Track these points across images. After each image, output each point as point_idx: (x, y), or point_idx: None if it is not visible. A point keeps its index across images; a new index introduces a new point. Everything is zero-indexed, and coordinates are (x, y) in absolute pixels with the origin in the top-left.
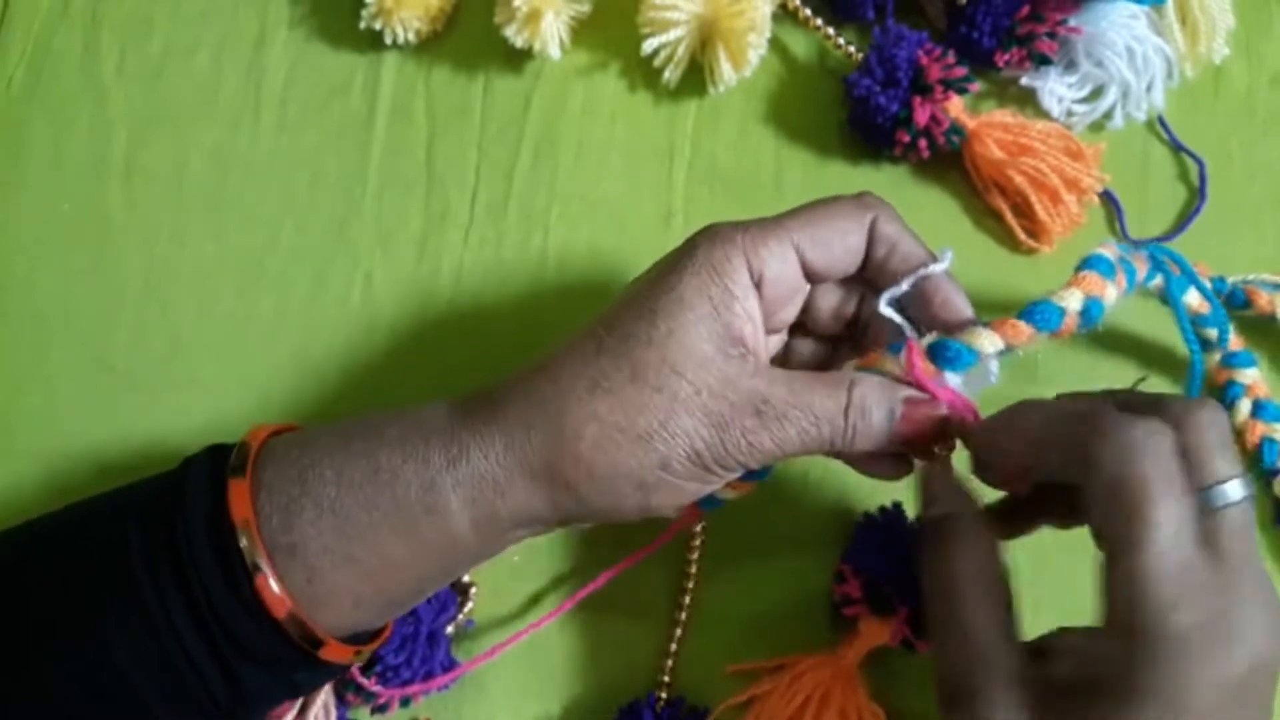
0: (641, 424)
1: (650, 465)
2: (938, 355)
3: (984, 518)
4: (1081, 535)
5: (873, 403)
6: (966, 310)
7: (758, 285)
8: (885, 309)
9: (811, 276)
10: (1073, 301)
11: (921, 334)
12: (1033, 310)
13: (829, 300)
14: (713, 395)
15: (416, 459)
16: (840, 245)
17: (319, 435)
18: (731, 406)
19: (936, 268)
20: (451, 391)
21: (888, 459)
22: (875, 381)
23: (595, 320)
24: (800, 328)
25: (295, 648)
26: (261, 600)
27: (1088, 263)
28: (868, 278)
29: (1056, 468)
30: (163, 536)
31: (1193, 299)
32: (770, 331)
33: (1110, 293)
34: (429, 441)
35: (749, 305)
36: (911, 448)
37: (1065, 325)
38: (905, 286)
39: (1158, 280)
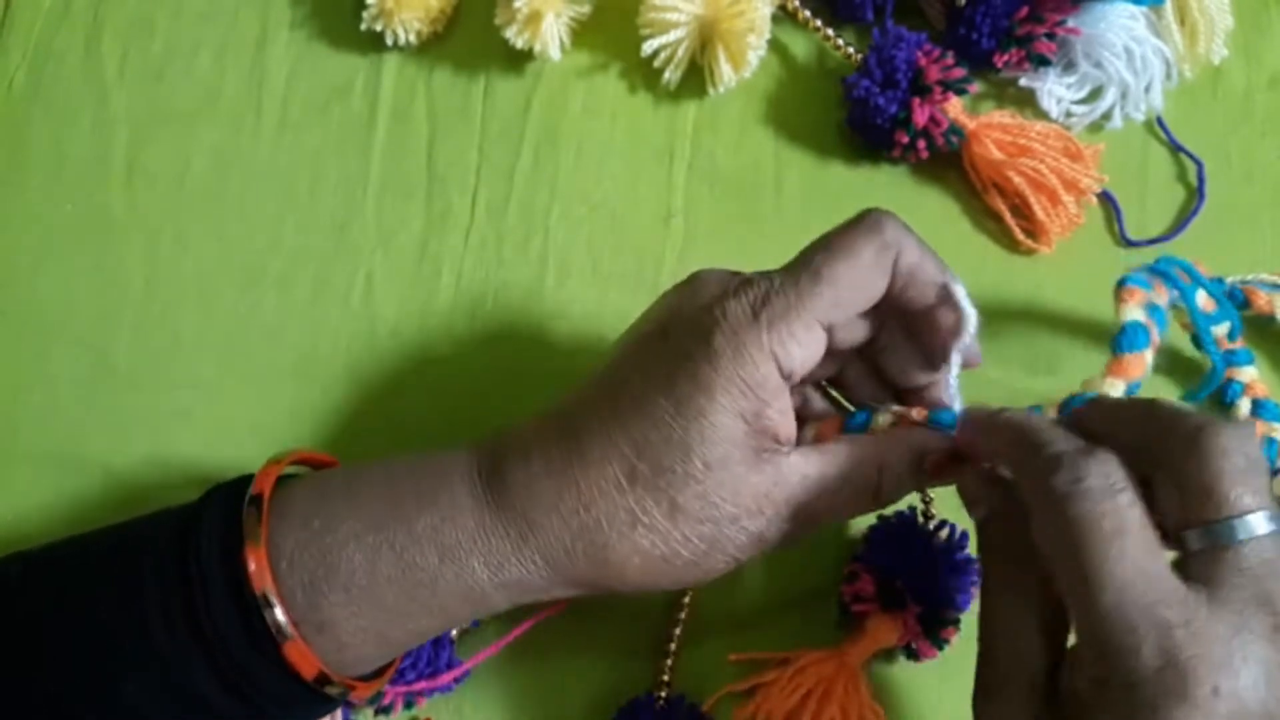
0: (686, 554)
1: (693, 578)
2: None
3: (1016, 517)
4: None
5: (904, 472)
6: (974, 347)
7: (787, 378)
8: (951, 389)
9: (833, 333)
10: (1115, 391)
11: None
12: (1073, 406)
13: (844, 334)
14: (752, 515)
15: (455, 563)
16: (864, 299)
17: (335, 501)
18: (772, 516)
19: (969, 330)
20: (451, 392)
21: None
22: (902, 453)
23: (612, 414)
24: None
25: (322, 695)
26: (289, 662)
27: (1126, 340)
28: (884, 305)
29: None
30: (179, 597)
31: (1200, 297)
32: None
33: (1150, 359)
34: (464, 546)
35: (782, 404)
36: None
37: None
38: (957, 359)
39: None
